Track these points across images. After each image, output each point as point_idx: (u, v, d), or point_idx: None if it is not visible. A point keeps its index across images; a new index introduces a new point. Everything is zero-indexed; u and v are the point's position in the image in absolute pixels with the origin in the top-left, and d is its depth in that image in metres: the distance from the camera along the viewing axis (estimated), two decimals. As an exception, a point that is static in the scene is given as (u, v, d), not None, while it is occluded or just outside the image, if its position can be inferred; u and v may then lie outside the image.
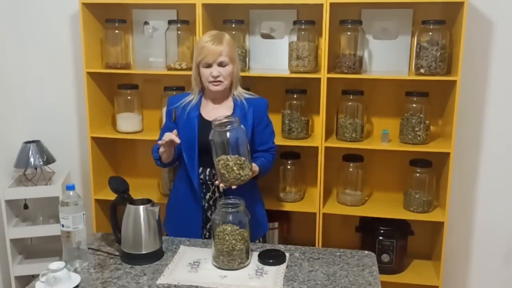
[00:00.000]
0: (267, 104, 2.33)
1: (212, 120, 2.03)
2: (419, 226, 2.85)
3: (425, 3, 2.66)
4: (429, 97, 2.67)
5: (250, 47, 2.87)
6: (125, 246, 2.00)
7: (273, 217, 2.79)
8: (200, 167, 2.24)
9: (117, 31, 2.88)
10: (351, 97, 2.73)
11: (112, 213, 2.07)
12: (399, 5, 2.70)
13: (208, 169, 2.23)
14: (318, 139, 2.68)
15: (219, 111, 2.24)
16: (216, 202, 2.18)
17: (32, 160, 2.91)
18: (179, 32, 2.82)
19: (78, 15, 2.75)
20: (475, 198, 2.94)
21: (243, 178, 2.03)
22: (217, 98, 2.27)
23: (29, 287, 1.85)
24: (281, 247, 2.15)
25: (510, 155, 2.85)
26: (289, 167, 2.87)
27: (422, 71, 2.59)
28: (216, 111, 2.24)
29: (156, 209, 2.01)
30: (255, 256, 2.02)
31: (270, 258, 2.00)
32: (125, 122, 2.93)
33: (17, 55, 3.15)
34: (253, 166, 2.12)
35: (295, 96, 2.78)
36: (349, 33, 2.68)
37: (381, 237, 2.76)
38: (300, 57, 2.69)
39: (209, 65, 2.16)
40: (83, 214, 1.96)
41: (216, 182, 2.10)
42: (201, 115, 2.25)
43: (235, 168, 2.00)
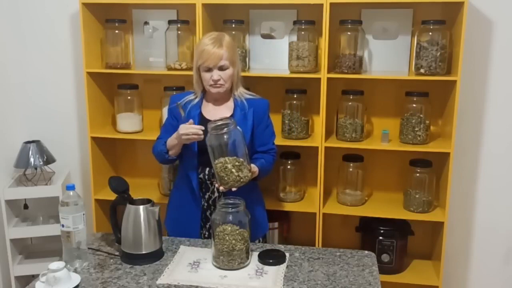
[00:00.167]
0: (268, 105, 2.32)
1: (208, 123, 2.03)
2: (419, 226, 2.85)
3: (425, 3, 2.66)
4: (429, 97, 2.67)
5: (250, 47, 2.87)
6: (125, 246, 2.00)
7: (273, 217, 2.78)
8: (199, 167, 2.24)
9: (117, 31, 2.88)
10: (351, 97, 2.73)
11: (112, 213, 2.07)
12: (399, 5, 2.70)
13: (207, 169, 2.22)
14: (318, 139, 2.68)
15: (220, 111, 2.24)
16: (215, 202, 2.19)
17: (32, 160, 2.91)
18: (179, 32, 2.82)
19: (78, 15, 2.75)
20: (475, 198, 2.94)
21: (242, 180, 2.03)
22: (218, 99, 2.27)
23: (29, 287, 1.85)
24: (281, 247, 2.15)
25: (510, 155, 2.85)
26: (289, 167, 2.87)
27: (422, 71, 2.58)
28: (216, 111, 2.25)
29: (156, 209, 2.01)
30: (255, 256, 2.02)
31: (270, 258, 2.00)
32: (125, 122, 2.93)
33: (17, 55, 3.15)
34: (252, 167, 2.12)
35: (295, 96, 2.78)
36: (349, 33, 2.68)
37: (381, 237, 2.75)
38: (300, 57, 2.69)
39: (209, 69, 2.17)
40: (83, 214, 1.96)
41: (216, 185, 2.10)
42: (201, 114, 2.25)
43: (233, 170, 2.00)
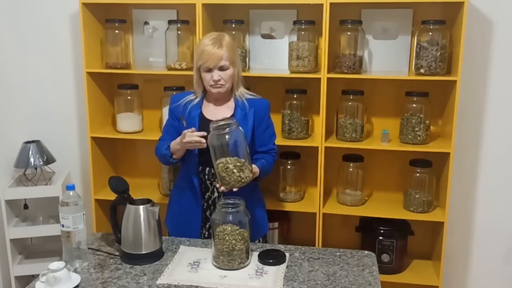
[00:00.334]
0: (269, 105, 2.32)
1: (210, 123, 2.03)
2: (419, 226, 2.85)
3: (425, 3, 2.66)
4: (429, 97, 2.67)
5: (250, 47, 2.87)
6: (125, 246, 2.00)
7: (273, 217, 2.78)
8: (199, 166, 2.24)
9: (117, 31, 2.88)
10: (351, 97, 2.73)
11: (112, 213, 2.07)
12: (399, 5, 2.70)
13: (207, 169, 2.22)
14: (318, 139, 2.68)
15: (220, 110, 2.25)
16: (215, 202, 2.19)
17: (32, 160, 2.91)
18: (179, 32, 2.82)
19: (78, 15, 2.75)
20: (475, 198, 2.94)
21: (243, 180, 2.03)
22: (218, 99, 2.27)
23: (29, 287, 1.85)
24: (281, 247, 2.15)
25: (510, 155, 2.85)
26: (289, 167, 2.87)
27: (422, 71, 2.58)
28: (217, 110, 2.25)
29: (156, 209, 2.01)
30: (255, 256, 2.02)
31: (270, 258, 2.00)
32: (125, 122, 2.93)
33: (17, 55, 3.15)
34: (253, 167, 2.12)
35: (295, 96, 2.78)
36: (349, 33, 2.68)
37: (381, 237, 2.75)
38: (300, 57, 2.69)
39: (209, 70, 2.17)
40: (83, 214, 1.96)
41: (217, 185, 2.10)
42: (202, 114, 2.25)
43: (235, 171, 2.00)
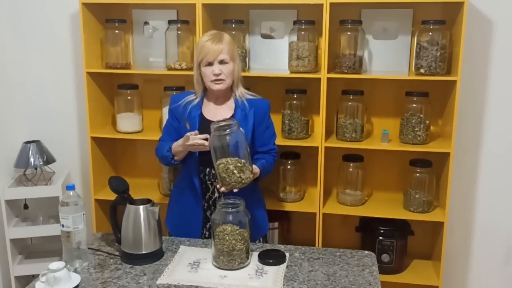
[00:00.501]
0: (269, 105, 2.32)
1: (211, 124, 2.03)
2: (419, 226, 2.85)
3: (425, 3, 2.66)
4: (429, 97, 2.67)
5: (250, 47, 2.87)
6: (125, 246, 2.00)
7: (273, 217, 2.78)
8: (200, 167, 2.24)
9: (117, 31, 2.88)
10: (351, 97, 2.73)
11: (112, 213, 2.07)
12: (399, 5, 2.70)
13: (208, 169, 2.22)
14: (318, 139, 2.68)
15: (221, 111, 2.24)
16: (216, 202, 2.19)
17: (32, 160, 2.91)
18: (179, 32, 2.82)
19: (78, 15, 2.75)
20: (475, 198, 2.94)
21: (244, 181, 2.02)
22: (219, 97, 2.27)
23: (29, 287, 1.85)
24: (281, 247, 2.15)
25: (510, 155, 2.85)
26: (289, 167, 2.87)
27: (422, 71, 2.58)
28: (217, 111, 2.25)
29: (156, 209, 2.01)
30: (255, 256, 2.02)
31: (270, 258, 2.00)
32: (125, 122, 2.93)
33: (17, 55, 3.14)
34: (254, 168, 2.12)
35: (295, 96, 2.78)
36: (349, 33, 2.68)
37: (381, 237, 2.75)
38: (300, 57, 2.69)
39: (210, 63, 2.16)
40: (83, 214, 1.96)
41: (218, 186, 2.10)
42: (202, 115, 2.25)
43: (235, 171, 2.00)
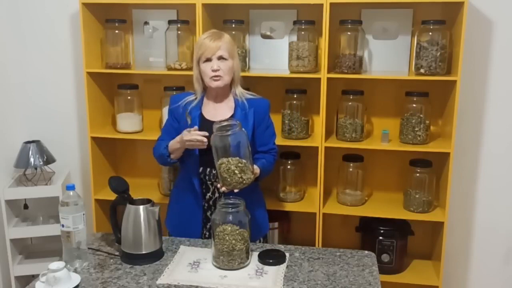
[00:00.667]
0: (269, 105, 2.32)
1: (214, 124, 2.03)
2: (419, 226, 2.85)
3: (425, 3, 2.66)
4: (429, 97, 2.67)
5: (250, 47, 2.87)
6: (125, 246, 2.00)
7: (273, 217, 2.78)
8: (200, 167, 2.24)
9: (117, 31, 2.88)
10: (351, 97, 2.73)
11: (112, 213, 2.07)
12: (399, 5, 2.70)
13: (208, 169, 2.22)
14: (318, 139, 2.68)
15: (220, 110, 2.24)
16: (216, 202, 2.19)
17: (32, 160, 2.91)
18: (179, 32, 2.82)
19: (78, 15, 2.75)
20: (475, 198, 2.94)
21: (245, 182, 2.03)
22: (218, 95, 2.26)
23: (29, 287, 1.85)
24: (281, 247, 2.15)
25: (510, 155, 2.85)
26: (289, 167, 2.87)
27: (422, 71, 2.58)
28: (217, 110, 2.25)
29: (156, 209, 2.01)
30: (255, 256, 2.02)
31: (270, 258, 2.00)
32: (125, 122, 2.93)
33: (17, 55, 3.15)
34: (255, 168, 2.12)
35: (295, 96, 2.78)
36: (349, 33, 2.68)
37: (381, 237, 2.75)
38: (300, 57, 2.69)
39: (208, 59, 2.16)
40: (83, 214, 1.96)
41: (218, 186, 2.10)
42: (202, 115, 2.25)
43: (236, 172, 2.00)
